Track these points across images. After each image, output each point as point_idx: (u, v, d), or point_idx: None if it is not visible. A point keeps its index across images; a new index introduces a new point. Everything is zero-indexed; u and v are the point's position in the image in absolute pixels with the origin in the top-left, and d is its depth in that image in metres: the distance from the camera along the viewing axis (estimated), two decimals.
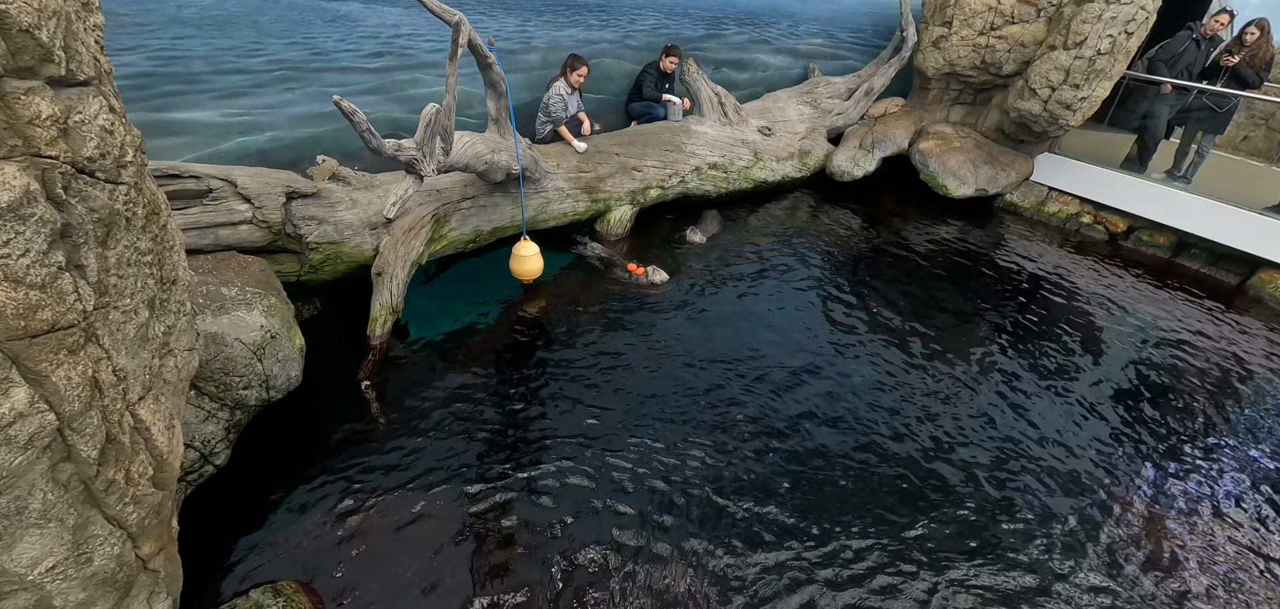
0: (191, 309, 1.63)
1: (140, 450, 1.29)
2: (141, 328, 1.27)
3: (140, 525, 1.32)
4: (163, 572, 1.48)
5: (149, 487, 1.32)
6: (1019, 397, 4.44)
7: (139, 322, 1.26)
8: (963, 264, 6.47)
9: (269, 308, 3.52)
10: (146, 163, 1.34)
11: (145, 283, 1.29)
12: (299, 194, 4.09)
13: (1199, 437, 4.27)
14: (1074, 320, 5.60)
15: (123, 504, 1.23)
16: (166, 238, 1.41)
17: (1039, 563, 3.20)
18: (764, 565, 3.05)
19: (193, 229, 3.63)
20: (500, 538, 3.08)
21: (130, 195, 1.18)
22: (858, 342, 4.88)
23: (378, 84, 4.94)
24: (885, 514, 3.39)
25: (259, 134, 4.48)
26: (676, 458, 3.60)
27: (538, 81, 5.95)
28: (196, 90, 4.16)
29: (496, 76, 4.27)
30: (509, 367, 4.26)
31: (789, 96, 8.08)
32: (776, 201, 7.52)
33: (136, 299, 1.24)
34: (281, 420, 3.61)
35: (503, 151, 4.58)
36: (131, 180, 1.17)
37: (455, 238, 4.95)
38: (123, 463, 1.21)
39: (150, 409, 1.33)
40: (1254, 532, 3.55)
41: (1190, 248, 6.99)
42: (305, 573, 2.89)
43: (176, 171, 3.57)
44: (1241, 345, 5.50)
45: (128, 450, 1.23)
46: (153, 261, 1.34)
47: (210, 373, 3.21)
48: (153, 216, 1.30)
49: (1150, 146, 7.34)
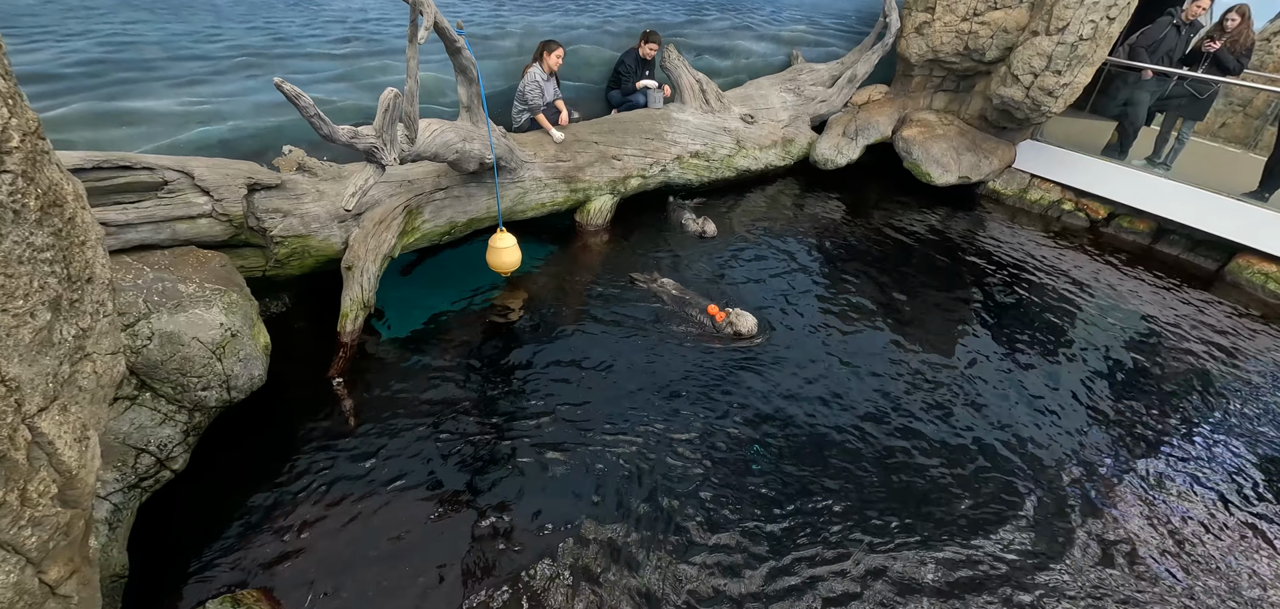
0: (114, 309, 1.51)
1: (41, 467, 1.18)
2: (40, 332, 1.16)
3: (43, 549, 1.21)
4: (76, 597, 1.37)
5: (53, 506, 1.21)
6: (1000, 382, 4.42)
7: (36, 325, 1.14)
8: (946, 252, 6.45)
9: (230, 305, 3.38)
10: (47, 148, 1.22)
11: (45, 282, 1.17)
12: (262, 186, 3.94)
13: (1174, 419, 4.27)
14: (1055, 307, 5.60)
15: (18, 528, 1.12)
16: (75, 232, 1.29)
17: (1012, 543, 3.18)
18: (746, 551, 2.99)
19: (147, 223, 3.47)
20: (476, 539, 2.99)
21: (17, 186, 1.07)
22: (841, 329, 4.83)
23: (346, 71, 4.77)
24: (864, 495, 3.34)
25: (221, 124, 4.30)
26: (656, 451, 3.53)
27: (513, 69, 5.80)
28: (151, 78, 3.97)
29: (467, 62, 4.13)
30: (486, 362, 4.15)
31: (772, 84, 7.99)
32: (760, 190, 7.45)
33: (32, 300, 1.12)
34: (245, 422, 3.49)
35: (475, 140, 4.45)
36: (18, 168, 1.06)
37: (429, 230, 4.81)
38: (16, 482, 1.10)
39: (55, 421, 1.21)
40: (1221, 509, 3.55)
41: (1170, 234, 7.02)
42: (268, 581, 2.79)
43: (128, 163, 3.40)
44: (1219, 329, 5.53)
45: (23, 468, 1.12)
46: (55, 258, 1.22)
47: (166, 373, 3.08)
48: (53, 209, 1.18)
49: (1131, 133, 7.35)
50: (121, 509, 2.77)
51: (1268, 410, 4.52)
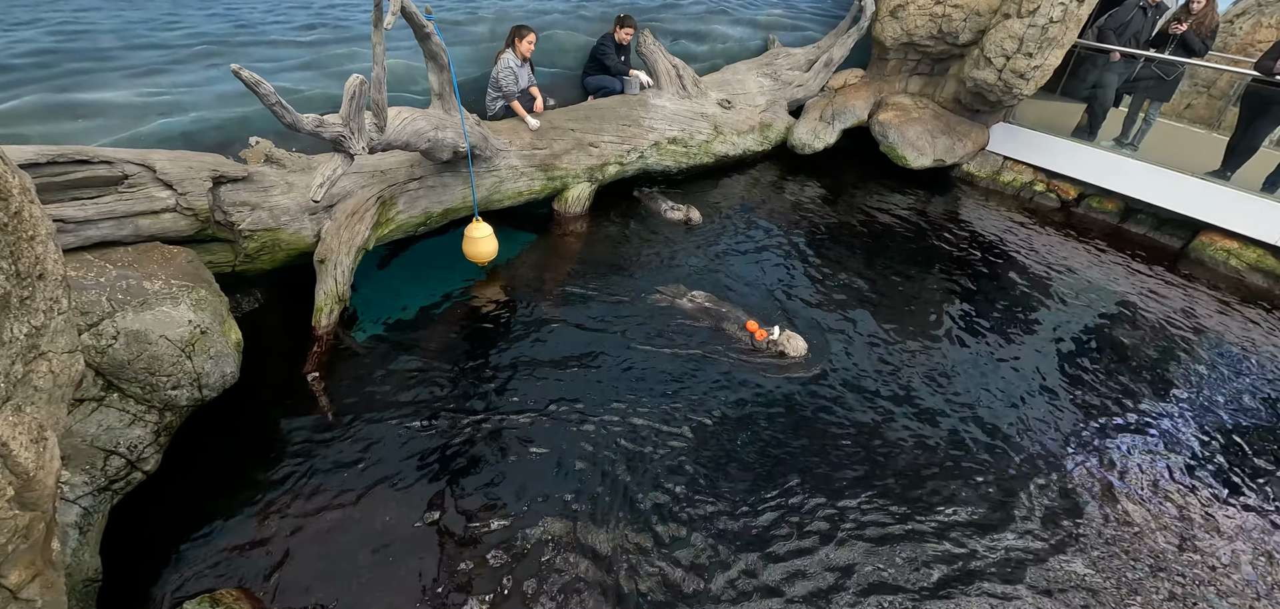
0: (70, 306, 1.46)
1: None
2: None
3: (1, 552, 1.18)
4: (40, 601, 1.34)
5: (11, 509, 1.18)
6: (975, 359, 4.52)
7: None
8: (922, 235, 6.54)
9: (198, 301, 3.30)
10: None
11: None
12: (228, 178, 3.84)
13: (1138, 392, 4.41)
14: (1026, 286, 5.72)
15: None
16: (22, 227, 1.24)
17: (987, 518, 3.27)
18: (728, 533, 3.03)
19: (107, 219, 3.36)
20: (457, 533, 2.98)
21: None
22: (821, 312, 4.88)
23: (312, 59, 4.64)
24: (839, 472, 3.40)
25: (182, 115, 4.17)
26: (639, 442, 3.55)
27: (486, 54, 5.70)
28: (107, 68, 3.82)
29: (437, 47, 4.05)
30: (465, 355, 4.12)
31: (749, 69, 7.98)
32: (738, 176, 7.46)
33: None
34: (219, 420, 3.43)
35: (448, 128, 4.38)
36: None
37: (403, 221, 4.74)
38: None
39: (8, 421, 1.18)
40: (1179, 475, 3.69)
41: (1137, 213, 7.21)
42: (247, 580, 2.76)
43: (85, 157, 3.28)
44: (1183, 305, 5.71)
45: None
46: (1, 254, 1.18)
47: (134, 373, 3.01)
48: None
49: (1100, 115, 7.50)
50: (92, 513, 2.71)
51: (1225, 382, 4.69)
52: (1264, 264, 6.29)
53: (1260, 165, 6.59)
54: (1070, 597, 2.97)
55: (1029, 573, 3.06)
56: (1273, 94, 6.28)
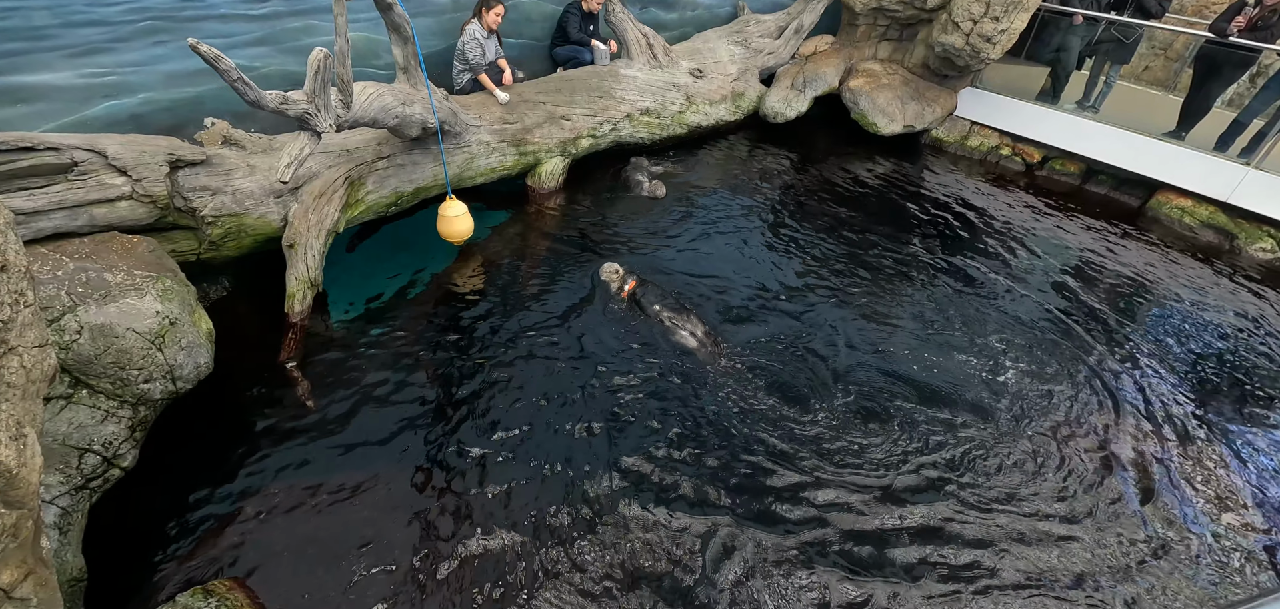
0: (36, 299, 1.42)
1: None
2: None
3: None
4: (35, 600, 1.33)
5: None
6: (944, 321, 4.67)
7: None
8: (893, 200, 6.66)
9: (165, 291, 3.20)
10: None
11: None
12: (185, 162, 3.69)
13: (1099, 345, 4.63)
14: (993, 246, 5.90)
15: None
16: None
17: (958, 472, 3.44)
18: (718, 479, 3.13)
19: (59, 209, 3.21)
20: (444, 514, 3.01)
21: None
22: (797, 281, 4.97)
23: (267, 34, 4.44)
24: (823, 426, 3.53)
25: (129, 96, 3.96)
26: (621, 411, 3.60)
27: (450, 26, 5.53)
28: (43, 48, 3.60)
29: (399, 19, 3.91)
30: (443, 334, 4.10)
31: (719, 36, 7.90)
32: (711, 146, 7.45)
33: None
34: (196, 412, 3.37)
35: (415, 103, 4.26)
36: None
37: (374, 201, 4.63)
38: None
39: None
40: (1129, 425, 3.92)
41: (1098, 174, 7.45)
42: (239, 569, 2.76)
43: (28, 144, 3.12)
44: (1141, 261, 5.97)
45: None
46: None
47: (102, 368, 2.92)
48: None
49: (1063, 77, 7.67)
50: (71, 512, 2.65)
51: (1178, 333, 4.95)
52: (1216, 221, 6.59)
53: (1213, 124, 6.84)
54: (1025, 548, 3.16)
55: (994, 520, 3.24)
56: (1225, 55, 6.50)
